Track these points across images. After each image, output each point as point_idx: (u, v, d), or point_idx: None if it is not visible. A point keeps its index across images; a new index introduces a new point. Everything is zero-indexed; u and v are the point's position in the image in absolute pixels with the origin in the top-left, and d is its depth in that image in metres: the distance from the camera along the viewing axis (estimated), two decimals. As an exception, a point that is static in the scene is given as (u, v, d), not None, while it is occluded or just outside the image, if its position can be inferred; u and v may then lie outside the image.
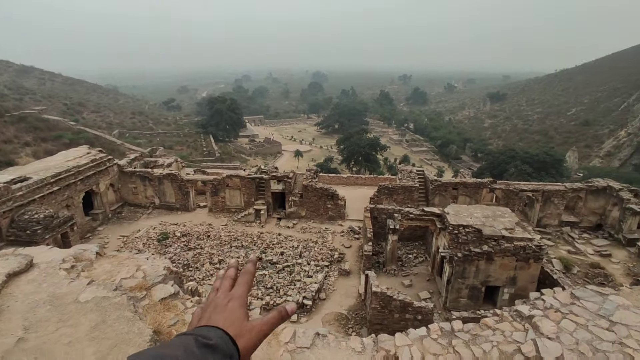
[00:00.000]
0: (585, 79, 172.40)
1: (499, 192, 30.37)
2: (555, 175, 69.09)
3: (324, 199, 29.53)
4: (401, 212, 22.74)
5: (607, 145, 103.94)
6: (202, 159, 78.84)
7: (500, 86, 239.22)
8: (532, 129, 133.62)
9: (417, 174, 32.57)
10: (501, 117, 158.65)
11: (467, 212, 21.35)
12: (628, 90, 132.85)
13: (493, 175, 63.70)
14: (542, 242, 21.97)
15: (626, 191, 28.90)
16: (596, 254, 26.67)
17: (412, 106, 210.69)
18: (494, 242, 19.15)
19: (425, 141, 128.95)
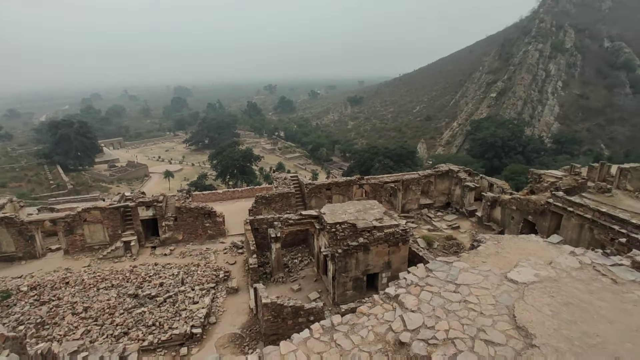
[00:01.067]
0: (422, 81, 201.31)
1: (367, 187, 33.26)
2: (411, 165, 78.86)
3: (201, 218, 28.16)
4: (281, 220, 23.07)
5: (446, 136, 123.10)
6: (51, 194, 67.61)
7: (357, 90, 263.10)
8: (388, 126, 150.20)
9: (292, 180, 33.53)
10: (362, 119, 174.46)
11: (342, 209, 22.79)
12: (454, 88, 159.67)
13: (361, 172, 69.48)
14: (407, 226, 24.81)
15: (462, 172, 34.64)
16: (449, 228, 31.25)
17: (280, 115, 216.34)
18: (367, 233, 20.83)
19: (297, 147, 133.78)
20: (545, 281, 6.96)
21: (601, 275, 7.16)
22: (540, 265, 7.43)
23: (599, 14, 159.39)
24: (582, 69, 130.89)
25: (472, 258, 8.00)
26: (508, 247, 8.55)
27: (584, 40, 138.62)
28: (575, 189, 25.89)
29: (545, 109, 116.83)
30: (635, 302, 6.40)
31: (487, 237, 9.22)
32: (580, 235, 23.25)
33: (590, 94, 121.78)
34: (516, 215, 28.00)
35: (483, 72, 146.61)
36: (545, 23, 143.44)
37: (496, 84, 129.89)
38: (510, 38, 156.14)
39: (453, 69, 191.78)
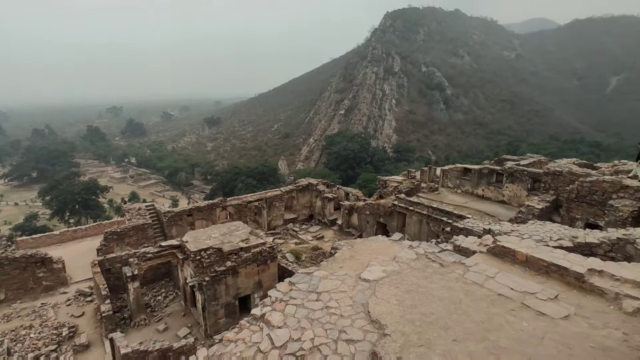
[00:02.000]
0: (278, 100, 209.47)
1: (231, 209, 32.66)
2: (274, 182, 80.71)
3: (32, 268, 23.31)
4: (137, 255, 20.79)
5: (304, 151, 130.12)
6: None
7: (214, 111, 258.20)
8: (248, 146, 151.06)
9: (148, 210, 30.69)
10: (221, 139, 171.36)
11: (205, 235, 21.80)
12: (308, 107, 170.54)
13: (225, 193, 67.97)
14: (274, 242, 25.15)
15: (321, 185, 37.03)
16: (314, 239, 32.86)
17: (129, 139, 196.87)
18: (235, 255, 20.36)
19: (152, 174, 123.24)
20: (391, 275, 7.93)
21: (432, 262, 8.53)
22: (386, 262, 8.43)
23: (415, 44, 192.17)
24: (409, 89, 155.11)
25: (331, 265, 8.61)
26: (360, 249, 9.50)
27: (407, 66, 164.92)
28: (413, 190, 30.21)
29: (385, 123, 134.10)
30: (456, 279, 7.82)
31: (342, 243, 10.06)
32: (421, 229, 27.17)
33: (416, 109, 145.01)
34: (370, 219, 31.14)
35: (331, 92, 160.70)
36: (377, 50, 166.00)
37: (343, 102, 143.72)
38: (352, 62, 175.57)
39: (305, 89, 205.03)
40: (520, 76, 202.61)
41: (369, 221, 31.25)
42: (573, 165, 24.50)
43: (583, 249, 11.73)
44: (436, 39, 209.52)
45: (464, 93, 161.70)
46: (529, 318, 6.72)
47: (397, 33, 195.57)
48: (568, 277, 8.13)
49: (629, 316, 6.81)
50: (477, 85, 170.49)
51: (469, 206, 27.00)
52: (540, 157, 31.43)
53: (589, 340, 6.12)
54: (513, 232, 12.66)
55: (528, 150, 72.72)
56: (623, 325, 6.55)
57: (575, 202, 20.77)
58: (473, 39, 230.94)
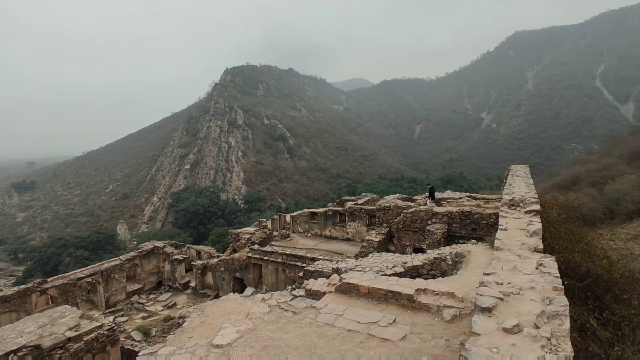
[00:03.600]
0: (112, 158, 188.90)
1: (53, 291, 26.83)
2: (113, 250, 70.52)
3: None
4: None
5: (147, 211, 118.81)
6: None
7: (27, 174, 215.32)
8: (76, 212, 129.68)
9: None
10: (37, 207, 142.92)
11: (15, 332, 17.18)
12: (149, 163, 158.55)
13: (46, 272, 56.07)
14: (115, 322, 21.56)
15: (168, 246, 34.05)
16: (165, 308, 29.46)
17: None
18: (60, 349, 16.56)
19: None
20: (245, 334, 7.61)
21: (285, 311, 8.56)
22: (240, 321, 8.08)
23: (256, 98, 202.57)
24: (254, 140, 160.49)
25: (179, 337, 7.77)
26: (212, 313, 8.89)
27: (251, 119, 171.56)
28: (266, 240, 30.41)
29: (233, 175, 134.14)
30: (309, 324, 8.00)
31: (190, 309, 9.25)
32: (277, 278, 27.27)
33: (263, 160, 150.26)
34: (226, 276, 29.82)
35: (174, 147, 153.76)
36: (220, 104, 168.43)
37: (188, 157, 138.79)
38: (194, 115, 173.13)
39: (144, 144, 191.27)
40: (350, 126, 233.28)
41: (225, 278, 29.91)
42: (398, 199, 28.68)
43: (412, 272, 13.59)
44: (275, 94, 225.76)
45: (305, 142, 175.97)
46: (375, 346, 7.29)
47: (238, 88, 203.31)
48: (402, 300, 9.21)
49: (449, 323, 8.05)
50: (315, 135, 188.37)
51: (320, 247, 28.56)
52: (373, 195, 35.96)
53: (422, 353, 6.95)
54: (357, 267, 13.83)
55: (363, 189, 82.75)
56: (445, 332, 7.70)
57: (403, 231, 24.16)
58: (307, 94, 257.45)
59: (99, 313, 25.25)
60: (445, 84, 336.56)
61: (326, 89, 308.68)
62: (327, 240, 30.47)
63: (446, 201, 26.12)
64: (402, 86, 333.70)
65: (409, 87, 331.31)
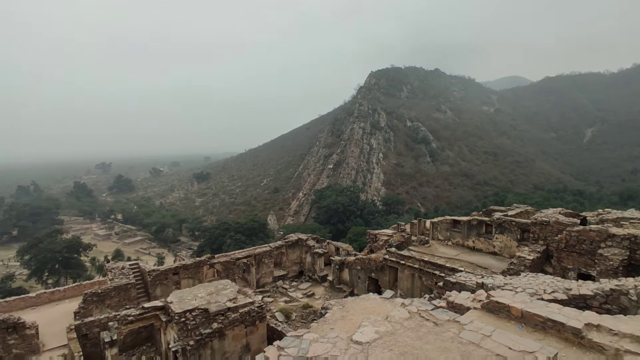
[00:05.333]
0: (268, 155, 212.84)
1: (219, 266, 31.72)
2: (263, 237, 79.42)
3: (2, 334, 21.80)
4: (117, 318, 19.71)
5: (294, 206, 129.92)
6: None
7: (203, 166, 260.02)
8: (237, 201, 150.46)
9: (132, 269, 29.60)
10: (210, 195, 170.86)
11: (191, 295, 20.92)
12: (297, 162, 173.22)
13: (213, 250, 66.48)
14: (263, 301, 24.24)
15: (311, 239, 36.56)
16: (305, 296, 31.77)
17: (117, 195, 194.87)
18: (222, 316, 19.43)
19: (138, 230, 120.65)
20: (385, 336, 7.60)
21: (425, 320, 8.24)
22: (379, 322, 8.12)
23: (399, 100, 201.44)
24: (395, 142, 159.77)
25: (321, 326, 8.24)
26: (352, 309, 9.16)
27: (393, 121, 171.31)
28: (403, 244, 29.96)
29: (373, 176, 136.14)
30: (451, 339, 7.51)
31: (332, 302, 9.70)
32: (414, 284, 26.57)
33: (403, 162, 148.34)
34: (362, 275, 30.46)
35: (320, 147, 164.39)
36: (363, 106, 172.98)
37: (332, 157, 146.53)
38: (339, 117, 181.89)
39: (294, 144, 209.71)
40: (501, 129, 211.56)
41: (361, 277, 30.55)
42: (559, 214, 24.79)
43: (578, 301, 11.53)
44: (419, 95, 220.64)
45: (448, 146, 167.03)
46: (530, 380, 6.41)
47: (382, 90, 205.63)
48: (565, 333, 7.89)
49: (632, 374, 6.55)
50: (461, 138, 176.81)
51: (461, 258, 26.73)
52: (527, 207, 31.84)
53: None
54: (506, 286, 12.44)
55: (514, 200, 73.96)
56: (627, 385, 6.28)
57: (565, 251, 20.75)
58: (454, 95, 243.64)
59: (251, 291, 28.78)
60: (632, 76, 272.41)
61: (475, 89, 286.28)
62: (469, 252, 28.33)
63: (629, 222, 21.39)
64: (570, 83, 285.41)
65: (579, 84, 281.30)
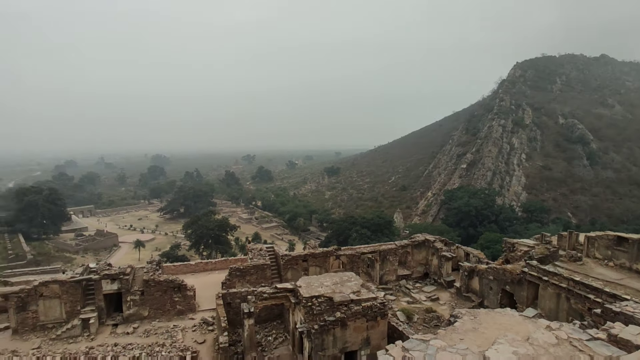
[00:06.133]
0: (398, 153, 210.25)
1: (344, 258, 32.77)
2: (389, 234, 79.06)
3: (170, 292, 26.63)
4: (254, 293, 22.08)
5: (421, 205, 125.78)
6: (7, 265, 63.19)
7: (334, 161, 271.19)
8: (364, 196, 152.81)
9: (268, 251, 32.76)
10: (339, 189, 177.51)
11: (318, 282, 22.11)
12: (427, 160, 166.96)
13: (339, 242, 69.05)
14: (386, 299, 24.13)
15: (438, 241, 34.88)
16: (428, 300, 30.57)
17: (258, 184, 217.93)
18: (345, 307, 20.04)
19: (274, 217, 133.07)
20: (524, 359, 6.73)
21: (578, 351, 7.00)
22: (517, 342, 7.24)
23: (550, 94, 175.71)
24: (542, 142, 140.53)
25: (449, 335, 7.75)
26: (485, 322, 8.37)
27: (541, 117, 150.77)
28: (547, 258, 26.26)
29: (513, 179, 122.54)
30: (615, 381, 6.22)
31: (463, 312, 9.03)
32: (559, 305, 23.10)
33: (552, 165, 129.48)
34: (494, 285, 27.81)
35: (453, 145, 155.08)
36: (505, 102, 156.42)
37: (466, 156, 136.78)
38: (476, 114, 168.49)
39: (425, 141, 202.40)
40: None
41: (493, 288, 27.90)
42: None
43: None
44: (577, 87, 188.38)
45: (614, 147, 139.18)
46: None
47: (528, 83, 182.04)
48: None
49: None
50: (632, 138, 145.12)
51: (626, 284, 22.12)
52: None
53: None
54: (697, 328, 9.79)
55: None
56: None
57: None
58: (626, 86, 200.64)
59: (374, 286, 28.96)
60: None
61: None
62: (638, 277, 23.24)
63: None
64: None
65: None
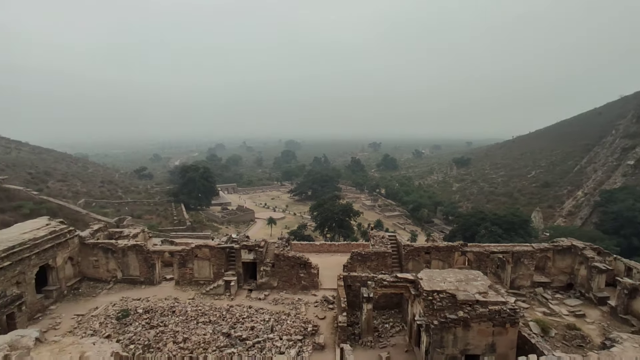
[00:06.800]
0: (540, 144, 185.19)
1: (471, 255, 30.61)
2: (524, 235, 70.85)
3: (297, 268, 28.79)
4: (374, 280, 22.31)
5: (568, 205, 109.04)
6: (172, 228, 76.54)
7: (464, 152, 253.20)
8: (497, 191, 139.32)
9: (390, 239, 32.63)
10: (468, 181, 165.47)
11: (440, 276, 21.19)
12: (579, 153, 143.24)
13: (464, 237, 64.69)
14: (517, 305, 21.82)
15: (589, 249, 29.80)
16: (571, 315, 26.59)
17: (382, 172, 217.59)
18: (468, 307, 18.80)
19: (397, 206, 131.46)
20: None
21: None
22: None
23: None
24: None
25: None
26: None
27: None
28: None
29: None
30: None
31: (624, 336, 7.50)
32: None
33: None
34: (666, 312, 22.67)
35: (617, 136, 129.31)
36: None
37: (634, 150, 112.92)
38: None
39: (577, 132, 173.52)
40: None
41: (665, 314, 22.75)
42: None
43: None
44: None
45: None
46: None
47: None
48: None
49: None
50: None
51: None
52: None
53: None
54: None
55: None
56: None
57: None
58: None
59: (503, 290, 26.44)
60: None
61: None
62: None
63: None
64: None
65: None
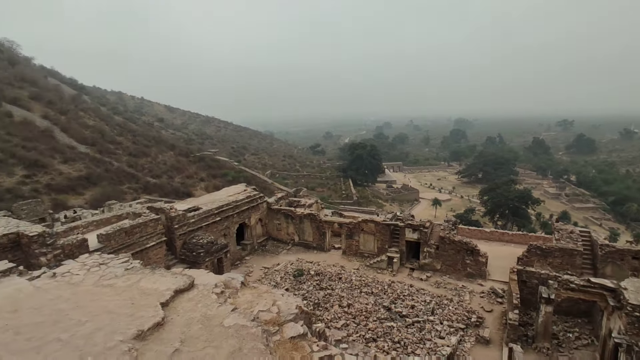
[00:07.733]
0: None
1: None
2: None
3: (463, 253, 27.20)
4: (558, 280, 19.23)
5: None
6: (340, 201, 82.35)
7: None
8: None
9: (581, 236, 27.44)
10: None
11: None
12: None
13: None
14: None
15: None
16: None
17: (573, 155, 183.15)
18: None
19: (591, 197, 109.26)
20: None
21: None
22: None
23: None
24: None
25: None
26: None
27: None
28: None
29: None
30: None
31: None
32: None
33: None
34: None
35: None
36: None
37: None
38: None
39: None
40: None
41: None
42: None
43: None
44: None
45: None
46: None
47: None
48: None
49: None
50: None
51: None
52: None
53: None
54: None
55: None
56: None
57: None
58: None
59: None
60: None
61: None
62: None
63: None
64: None
65: None
